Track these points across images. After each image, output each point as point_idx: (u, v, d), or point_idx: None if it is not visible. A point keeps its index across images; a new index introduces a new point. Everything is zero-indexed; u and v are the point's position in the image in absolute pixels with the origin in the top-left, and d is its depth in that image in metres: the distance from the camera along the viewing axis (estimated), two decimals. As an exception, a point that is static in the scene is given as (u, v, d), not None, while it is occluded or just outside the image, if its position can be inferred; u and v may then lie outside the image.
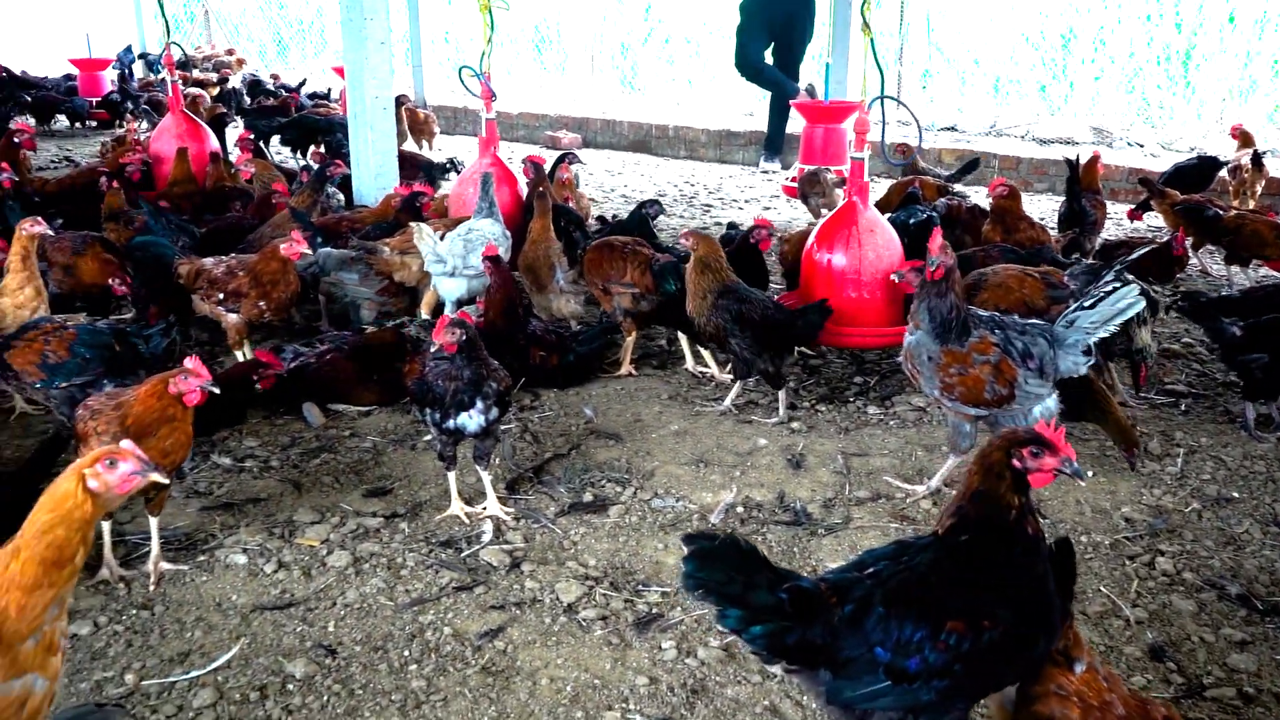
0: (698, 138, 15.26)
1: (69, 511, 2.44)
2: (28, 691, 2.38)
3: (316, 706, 3.42)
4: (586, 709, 3.42)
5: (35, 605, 2.37)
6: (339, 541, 4.47)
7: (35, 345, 4.89)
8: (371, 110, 7.97)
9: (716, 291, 5.59)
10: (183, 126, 9.28)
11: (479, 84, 7.83)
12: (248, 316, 5.98)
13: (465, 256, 6.41)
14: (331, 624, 3.89)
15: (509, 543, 4.46)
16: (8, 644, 2.33)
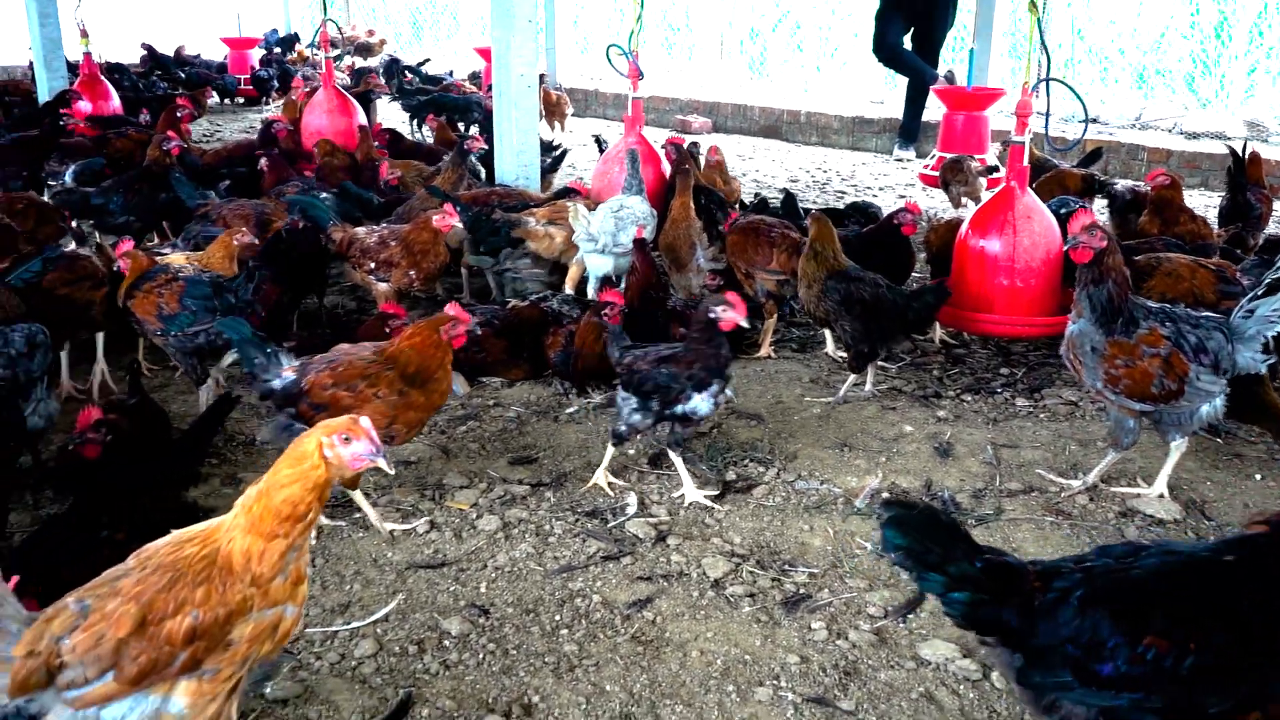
0: (830, 124, 15.05)
1: (305, 472, 2.55)
2: (279, 617, 2.59)
3: (473, 663, 3.49)
4: (738, 683, 3.41)
5: (272, 552, 2.52)
6: (487, 506, 4.55)
7: (151, 296, 5.13)
8: (516, 88, 8.05)
9: (825, 276, 5.57)
10: (334, 102, 9.55)
11: (627, 62, 7.85)
12: (397, 285, 6.13)
13: (615, 234, 6.44)
14: (483, 585, 3.96)
15: (653, 516, 4.48)
16: (257, 581, 2.51)
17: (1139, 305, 4.46)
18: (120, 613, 2.48)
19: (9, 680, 2.48)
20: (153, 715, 2.55)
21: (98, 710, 2.54)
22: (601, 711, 3.27)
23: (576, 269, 6.93)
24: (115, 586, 2.54)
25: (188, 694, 2.55)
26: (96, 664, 2.47)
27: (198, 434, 4.41)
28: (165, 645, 2.48)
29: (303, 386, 4.27)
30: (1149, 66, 16.39)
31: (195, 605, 2.49)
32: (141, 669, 2.48)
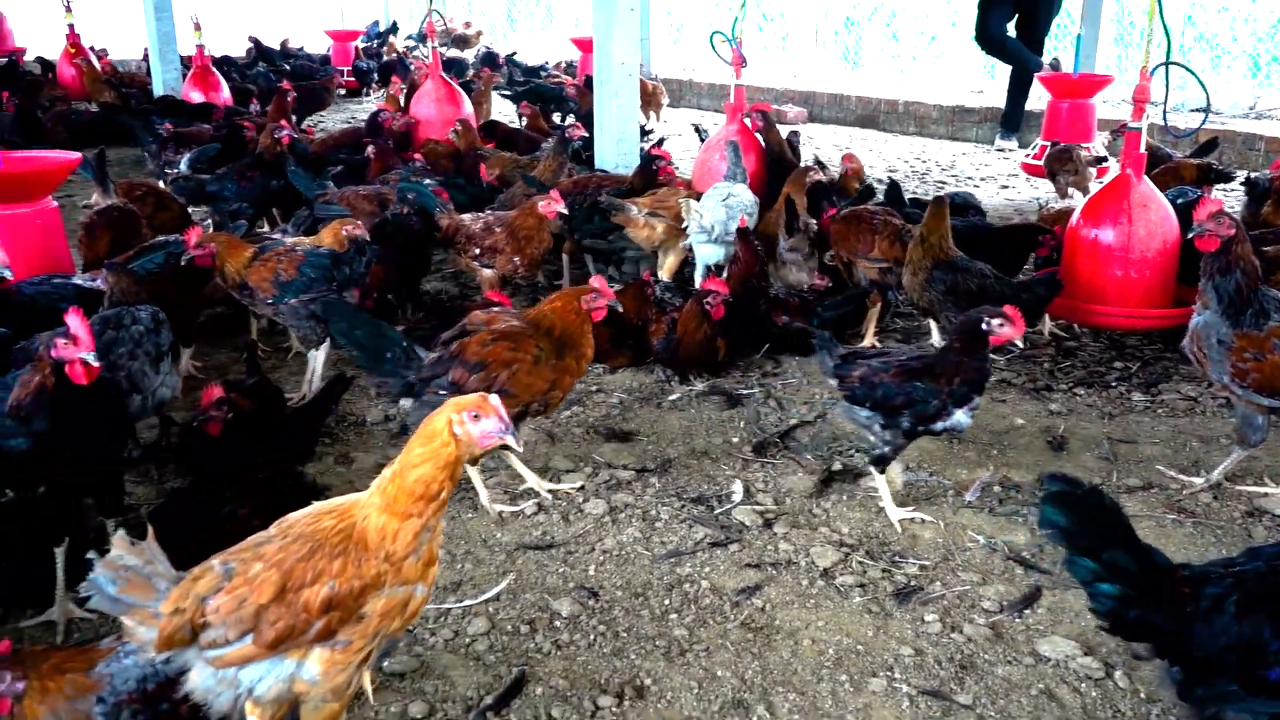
0: (928, 113, 14.78)
1: (436, 450, 2.56)
2: (409, 595, 2.62)
3: (584, 644, 3.52)
4: (850, 673, 3.37)
5: (406, 532, 2.55)
6: (594, 490, 4.57)
7: (269, 264, 5.25)
8: (617, 76, 8.08)
9: (930, 265, 5.47)
10: (441, 91, 9.68)
11: (730, 49, 7.80)
12: (501, 271, 6.19)
13: (727, 224, 6.41)
14: (592, 568, 3.99)
15: (759, 504, 4.45)
16: (391, 559, 2.55)
17: (1270, 296, 4.29)
18: (262, 579, 2.54)
19: (156, 635, 2.57)
20: (288, 680, 2.62)
21: (236, 671, 2.61)
22: (714, 696, 3.27)
23: (675, 257, 6.92)
24: (258, 552, 2.61)
25: (320, 662, 2.61)
26: (238, 626, 2.55)
27: (313, 412, 4.52)
28: (302, 613, 2.54)
29: (452, 350, 4.25)
30: (1264, 53, 15.75)
31: (332, 576, 2.54)
32: (279, 634, 2.55)
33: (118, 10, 18.05)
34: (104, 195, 6.43)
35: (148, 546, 2.67)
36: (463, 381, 4.15)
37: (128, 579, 2.60)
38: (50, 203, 5.64)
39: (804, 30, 20.94)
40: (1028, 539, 4.16)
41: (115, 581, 2.58)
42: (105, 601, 2.59)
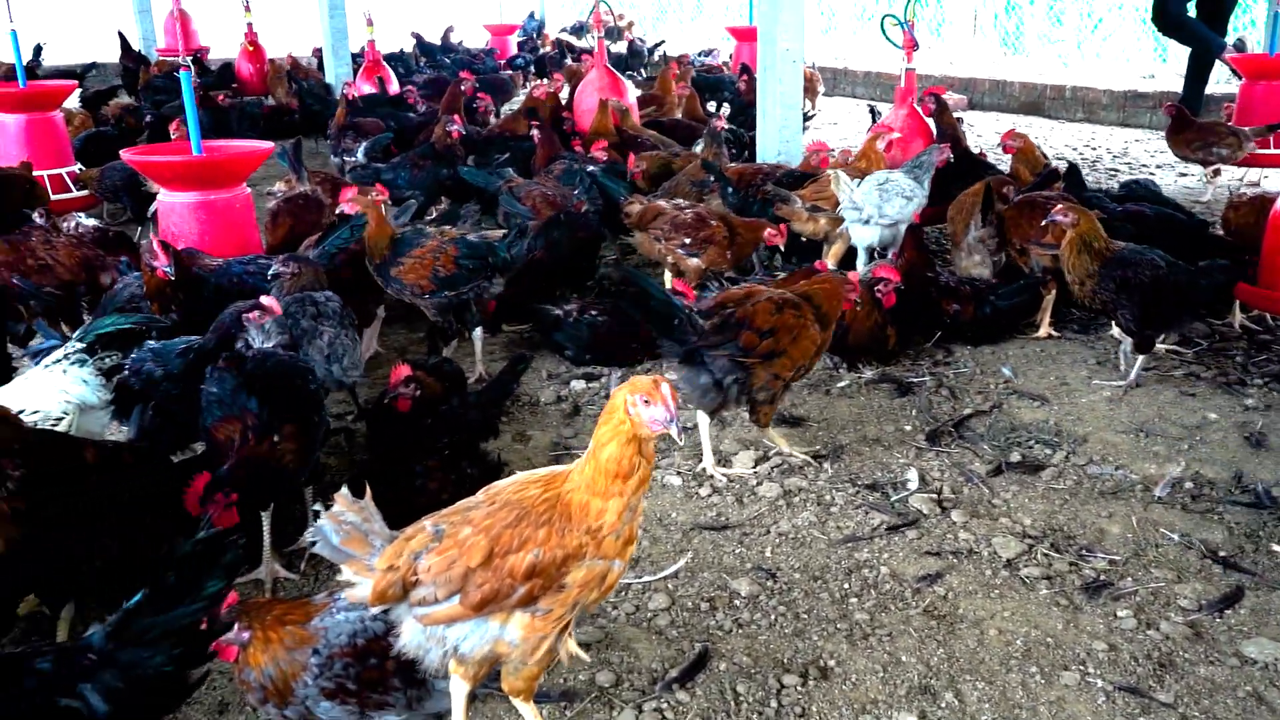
0: (1098, 99, 14.19)
1: (615, 427, 2.59)
2: (607, 569, 2.68)
3: (765, 624, 3.53)
4: (1040, 665, 3.29)
5: (610, 511, 2.59)
6: (766, 474, 4.58)
7: (426, 262, 5.39)
8: (781, 63, 8.04)
9: (1098, 269, 5.18)
10: (605, 80, 9.82)
11: (902, 33, 7.67)
12: (710, 264, 6.20)
13: (880, 206, 6.33)
14: (768, 549, 4.00)
15: (935, 492, 4.38)
16: (594, 534, 2.61)
17: None
18: (471, 542, 2.64)
19: (370, 589, 2.70)
20: (491, 641, 2.72)
21: (444, 629, 2.73)
22: (899, 680, 3.24)
23: (840, 245, 6.86)
24: (467, 516, 2.71)
25: (521, 627, 2.70)
26: (446, 586, 2.65)
27: (496, 391, 4.65)
28: (507, 578, 2.63)
29: (738, 315, 4.37)
30: None
31: (537, 544, 2.61)
32: (484, 597, 2.64)
33: (291, 9, 18.93)
34: (299, 182, 6.76)
35: (366, 505, 2.81)
36: (752, 345, 4.29)
37: (348, 532, 2.74)
38: (245, 189, 5.97)
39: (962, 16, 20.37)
40: (1225, 537, 3.98)
41: (337, 532, 2.73)
42: (328, 549, 2.73)
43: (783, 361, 4.38)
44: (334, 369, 4.42)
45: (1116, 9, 17.85)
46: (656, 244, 6.29)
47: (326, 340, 4.47)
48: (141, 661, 2.20)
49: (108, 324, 3.87)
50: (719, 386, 4.35)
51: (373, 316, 5.89)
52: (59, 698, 2.10)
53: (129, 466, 3.24)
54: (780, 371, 4.39)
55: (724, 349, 4.31)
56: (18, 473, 2.93)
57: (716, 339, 4.32)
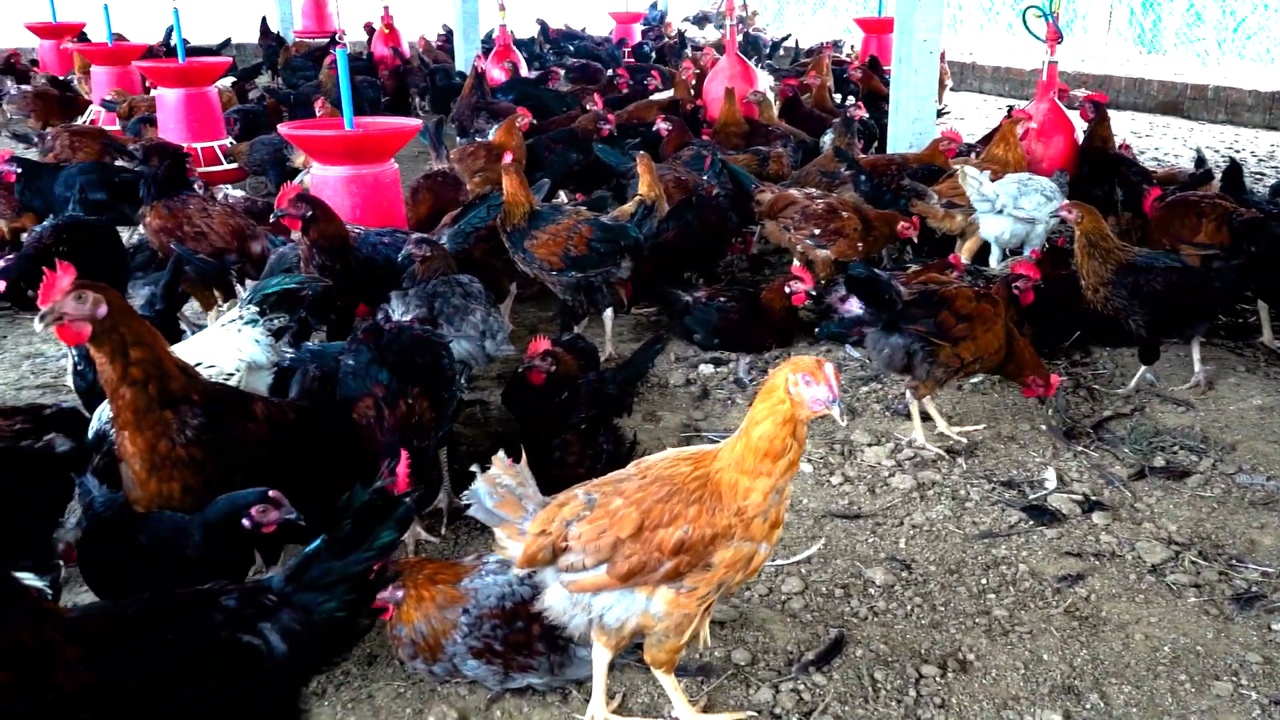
0: (1241, 100, 13.60)
1: (773, 407, 2.58)
2: (753, 551, 2.69)
3: (900, 614, 3.51)
4: (1190, 673, 3.20)
5: (756, 491, 2.59)
6: (898, 465, 4.54)
7: (560, 240, 5.47)
8: (918, 54, 7.91)
9: (1110, 275, 5.05)
10: (736, 69, 9.80)
11: (1045, 24, 7.47)
12: (839, 255, 6.16)
13: (1016, 198, 6.19)
14: (902, 540, 3.96)
15: (1074, 493, 4.28)
16: (741, 514, 2.62)
17: None
18: (622, 514, 2.68)
19: (521, 551, 2.76)
20: (636, 613, 2.76)
21: (590, 597, 2.78)
22: (1041, 679, 3.18)
23: (974, 241, 6.72)
24: (618, 488, 2.76)
25: (665, 601, 2.73)
26: (595, 554, 2.70)
27: (632, 369, 4.69)
28: (655, 551, 2.66)
29: (941, 294, 4.61)
30: None
31: (687, 521, 2.63)
32: (631, 568, 2.68)
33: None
34: (438, 160, 6.92)
35: (521, 470, 2.87)
36: (948, 325, 4.52)
37: (502, 495, 2.81)
38: (392, 164, 6.13)
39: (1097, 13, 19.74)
40: (1392, 555, 3.80)
41: (492, 495, 2.80)
42: (482, 511, 2.81)
43: (967, 346, 4.53)
44: (487, 344, 4.52)
45: (1261, 7, 17.08)
46: (785, 233, 6.26)
47: (479, 317, 4.57)
48: (316, 605, 2.29)
49: (274, 284, 4.03)
50: (906, 353, 4.55)
51: (506, 293, 6.00)
52: (242, 634, 2.21)
53: (292, 423, 3.37)
54: (963, 354, 4.54)
55: (921, 323, 4.52)
56: (196, 421, 3.08)
57: (917, 312, 4.55)
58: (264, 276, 4.59)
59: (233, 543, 2.88)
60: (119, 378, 2.99)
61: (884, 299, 4.61)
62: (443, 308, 4.64)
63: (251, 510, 2.78)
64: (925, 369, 4.56)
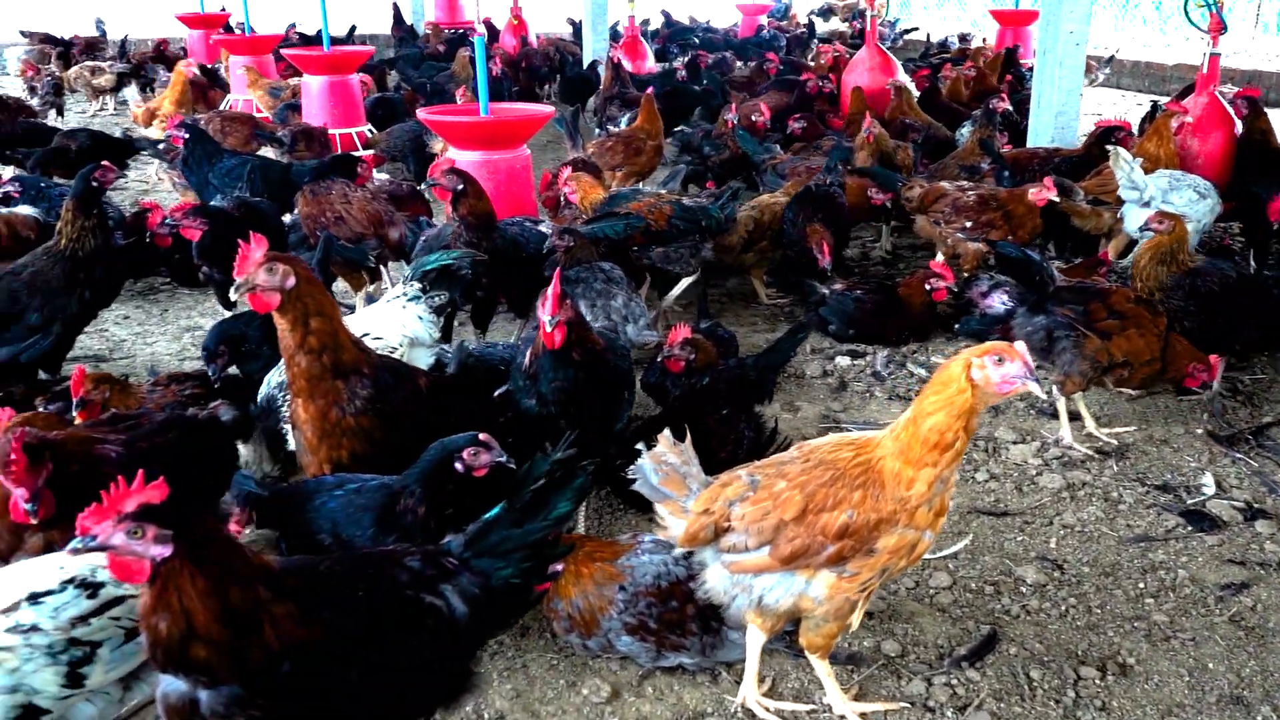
0: (1404, 97, 12.85)
1: (950, 397, 2.53)
2: (917, 539, 2.67)
3: (1055, 614, 3.43)
4: (1370, 691, 3.06)
5: (920, 481, 2.57)
6: (1045, 464, 4.43)
7: (642, 210, 5.54)
8: (1064, 46, 7.68)
9: (1169, 282, 4.86)
10: (875, 60, 9.68)
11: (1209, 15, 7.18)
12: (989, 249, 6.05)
13: (1166, 193, 5.96)
14: (1053, 540, 3.87)
15: (1237, 500, 4.12)
16: (907, 505, 2.60)
17: None
18: (786, 496, 2.69)
19: (683, 530, 2.79)
20: (796, 595, 2.76)
21: (750, 579, 2.79)
22: (1207, 688, 3.08)
23: (1121, 239, 6.50)
24: (781, 470, 2.76)
25: (826, 585, 2.72)
26: (758, 536, 2.71)
27: (774, 357, 4.68)
28: (819, 535, 2.65)
29: (1098, 286, 4.64)
30: None
31: (851, 506, 2.62)
32: (794, 551, 2.68)
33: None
34: (573, 149, 7.01)
35: (685, 448, 2.90)
36: (1097, 317, 4.46)
37: (667, 472, 2.84)
38: (524, 150, 6.24)
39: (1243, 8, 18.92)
40: None
41: (657, 473, 2.83)
42: (646, 488, 2.84)
43: (1118, 344, 4.40)
44: (628, 329, 4.57)
45: None
46: (936, 227, 6.15)
47: (621, 302, 4.63)
48: (494, 571, 2.36)
49: (433, 260, 4.15)
50: (1048, 335, 4.50)
51: (643, 279, 6.05)
52: (424, 594, 2.28)
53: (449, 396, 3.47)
54: (1113, 351, 4.40)
55: (1069, 307, 4.48)
56: (365, 392, 3.19)
57: (1068, 297, 4.52)
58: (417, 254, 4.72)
59: (444, 490, 2.94)
60: (297, 345, 3.12)
61: (1034, 279, 4.59)
62: (585, 293, 4.71)
63: (463, 453, 2.84)
64: (1069, 359, 4.45)
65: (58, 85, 11.81)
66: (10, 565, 2.59)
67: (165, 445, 3.08)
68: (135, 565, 2.03)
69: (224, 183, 6.64)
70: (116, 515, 2.01)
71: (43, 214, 5.82)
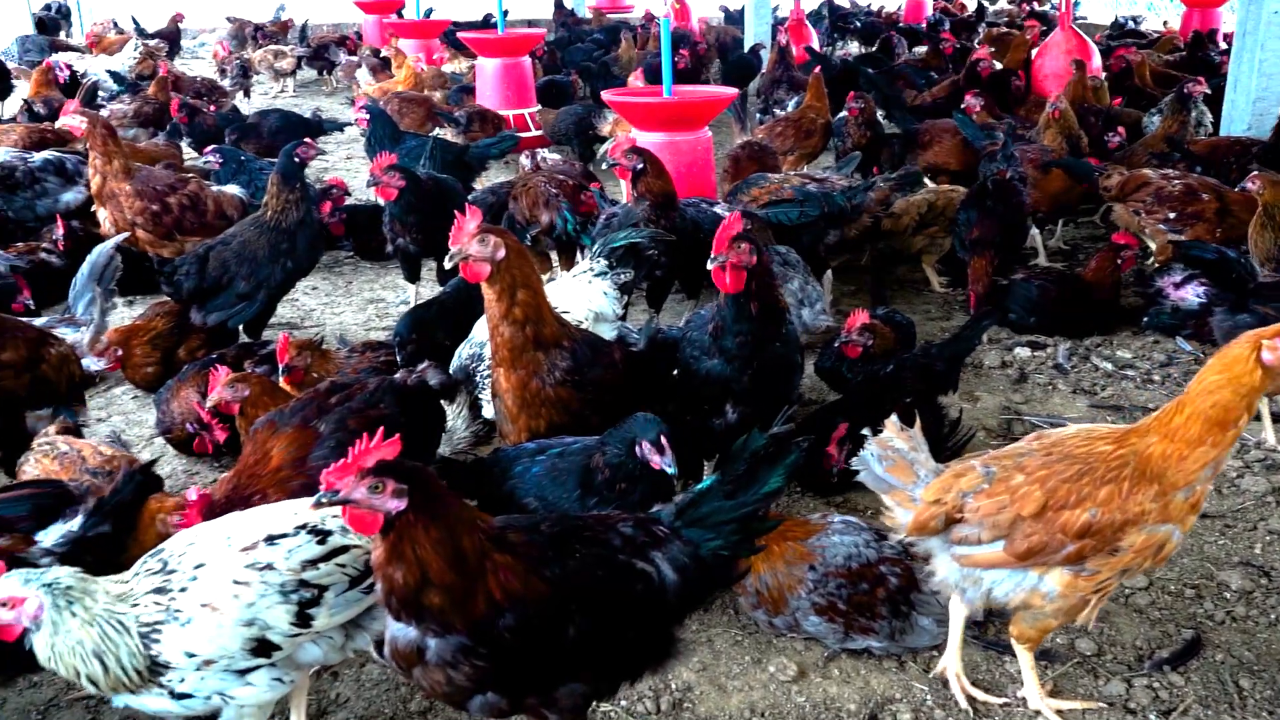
0: None
1: (1236, 376, 2.45)
2: (1166, 537, 2.56)
3: (1264, 622, 3.27)
4: None
5: (1193, 460, 2.47)
6: (1246, 467, 4.22)
7: (761, 202, 5.56)
8: (1265, 27, 7.25)
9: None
10: (1071, 43, 9.31)
11: None
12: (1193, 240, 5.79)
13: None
14: (1258, 546, 3.69)
15: None
16: (1165, 491, 2.50)
17: None
18: (1025, 491, 2.60)
19: (911, 519, 2.75)
20: (1026, 590, 2.68)
21: (981, 572, 2.73)
22: None
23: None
24: (1019, 463, 2.67)
25: (1060, 583, 2.63)
26: (992, 530, 2.63)
27: (959, 345, 4.58)
28: (1058, 533, 2.56)
29: None
30: None
31: (1095, 504, 2.52)
32: (1031, 548, 2.59)
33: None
34: (743, 131, 7.01)
35: (915, 434, 2.86)
36: None
37: (894, 460, 2.81)
38: (706, 133, 6.26)
39: None
40: None
41: (882, 460, 2.81)
42: (870, 477, 2.82)
43: None
44: (804, 313, 4.56)
45: None
46: (1136, 217, 5.89)
47: (797, 285, 4.61)
48: (703, 541, 2.39)
49: (620, 238, 4.22)
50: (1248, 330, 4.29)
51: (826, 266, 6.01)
52: (636, 560, 2.33)
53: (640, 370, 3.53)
54: None
55: (1272, 305, 4.37)
56: (564, 364, 3.28)
57: (1270, 294, 4.44)
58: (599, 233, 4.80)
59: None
60: (501, 315, 3.22)
61: (1232, 278, 4.47)
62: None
63: (643, 443, 2.87)
64: None
65: (246, 68, 12.44)
66: (250, 510, 2.76)
67: (379, 416, 3.20)
68: (370, 518, 2.14)
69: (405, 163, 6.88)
70: (359, 471, 2.12)
71: (247, 195, 6.15)
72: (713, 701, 3.01)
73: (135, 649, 2.39)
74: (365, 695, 3.08)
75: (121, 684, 2.40)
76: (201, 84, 11.10)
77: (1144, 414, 4.57)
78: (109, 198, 5.66)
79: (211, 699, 2.48)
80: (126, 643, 2.39)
